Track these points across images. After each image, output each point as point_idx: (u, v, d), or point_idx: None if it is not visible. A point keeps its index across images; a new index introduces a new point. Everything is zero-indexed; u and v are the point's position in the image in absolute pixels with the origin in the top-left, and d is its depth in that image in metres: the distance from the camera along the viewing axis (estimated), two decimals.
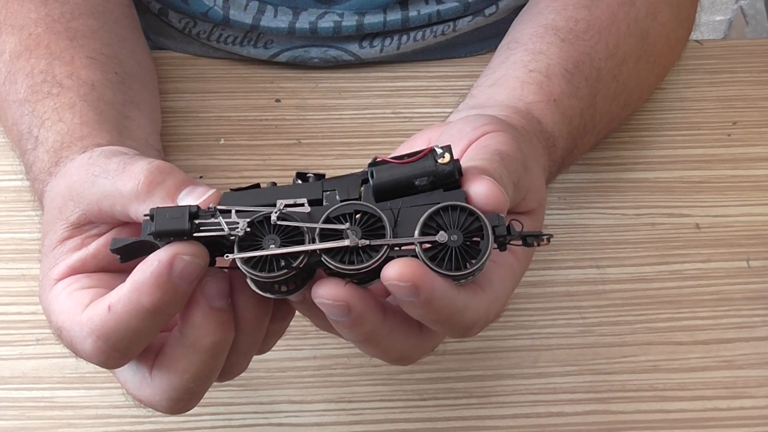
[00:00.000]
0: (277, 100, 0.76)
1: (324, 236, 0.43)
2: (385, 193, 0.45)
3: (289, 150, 0.73)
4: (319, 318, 0.46)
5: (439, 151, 0.45)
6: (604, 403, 0.62)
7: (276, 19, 0.75)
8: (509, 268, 0.48)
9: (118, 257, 0.45)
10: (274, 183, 0.46)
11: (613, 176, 0.72)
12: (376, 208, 0.44)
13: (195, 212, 0.44)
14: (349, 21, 0.75)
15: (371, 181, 0.45)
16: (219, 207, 0.44)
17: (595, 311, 0.66)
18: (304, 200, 0.44)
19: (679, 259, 0.68)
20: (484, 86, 0.65)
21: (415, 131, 0.56)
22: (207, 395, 0.49)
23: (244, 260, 0.43)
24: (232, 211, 0.44)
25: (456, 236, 0.43)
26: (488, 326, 0.47)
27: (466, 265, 0.43)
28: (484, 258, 0.43)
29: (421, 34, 0.77)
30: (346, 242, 0.43)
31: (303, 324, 0.49)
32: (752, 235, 0.70)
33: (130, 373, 0.49)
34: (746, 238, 0.69)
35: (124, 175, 0.47)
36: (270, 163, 0.72)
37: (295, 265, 0.43)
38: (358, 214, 0.44)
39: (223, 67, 0.78)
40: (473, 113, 0.59)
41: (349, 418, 0.61)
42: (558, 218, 0.70)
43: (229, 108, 0.75)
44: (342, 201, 0.45)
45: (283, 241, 0.43)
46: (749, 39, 1.62)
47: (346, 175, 0.46)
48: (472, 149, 0.50)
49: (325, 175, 0.46)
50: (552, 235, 0.46)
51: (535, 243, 0.45)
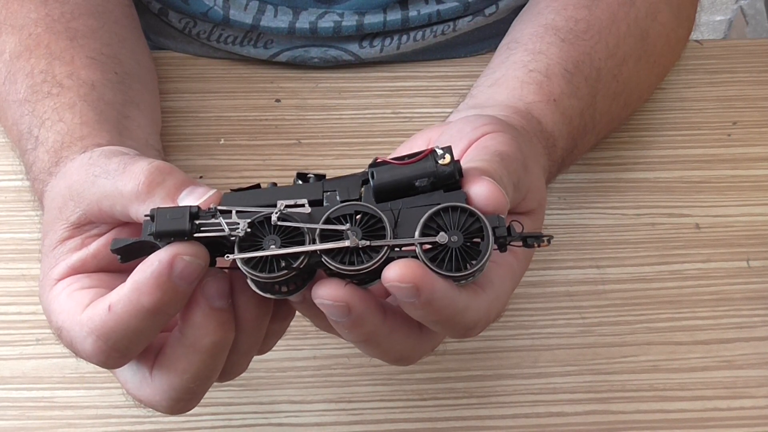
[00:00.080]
0: (277, 100, 0.76)
1: (324, 237, 0.43)
2: (386, 194, 0.45)
3: (289, 150, 0.73)
4: (319, 318, 0.46)
5: (440, 152, 0.45)
6: (604, 403, 0.62)
7: (276, 19, 0.75)
8: (509, 269, 0.48)
9: (119, 257, 0.45)
10: (275, 183, 0.46)
11: (613, 176, 0.72)
12: (376, 209, 0.44)
13: (195, 213, 0.44)
14: (349, 21, 0.75)
15: (372, 182, 0.45)
16: (219, 207, 0.44)
17: (595, 311, 0.66)
18: (304, 201, 0.44)
19: (679, 259, 0.68)
20: (484, 86, 0.65)
21: (415, 131, 0.56)
22: (207, 395, 0.49)
23: (244, 260, 0.43)
24: (233, 212, 0.44)
25: (456, 237, 0.43)
26: (488, 326, 0.47)
27: (467, 266, 0.43)
28: (485, 259, 0.43)
29: (421, 34, 0.77)
30: (346, 243, 0.43)
31: (303, 324, 0.49)
32: (752, 235, 0.70)
33: (130, 373, 0.48)
34: (746, 238, 0.69)
35: (125, 175, 0.47)
36: (270, 163, 0.72)
37: (295, 265, 0.43)
38: (359, 215, 0.44)
39: (223, 67, 0.78)
40: (473, 113, 0.59)
41: (349, 418, 0.61)
42: (558, 218, 0.70)
43: (229, 108, 0.75)
44: (342, 202, 0.45)
45: (283, 242, 0.43)
46: (749, 39, 1.62)
47: (346, 176, 0.46)
48: (472, 150, 0.50)
49: (326, 175, 0.46)
50: (552, 236, 0.46)
51: (536, 244, 0.45)
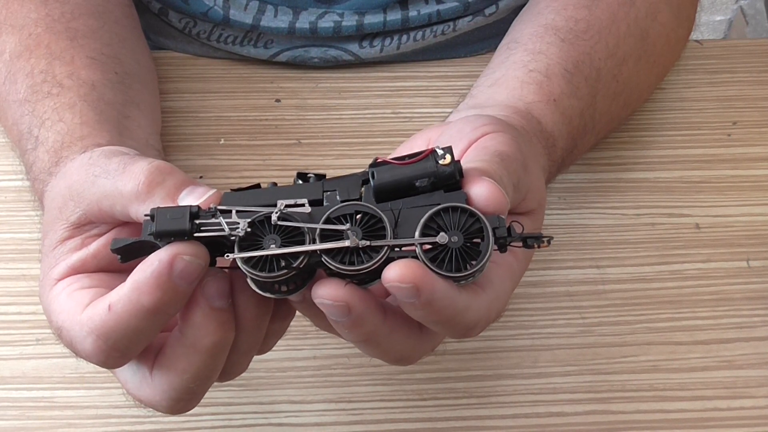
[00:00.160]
0: (277, 100, 0.76)
1: (324, 236, 0.43)
2: (386, 194, 0.45)
3: (289, 150, 0.73)
4: (319, 318, 0.46)
5: (440, 152, 0.45)
6: (604, 403, 0.62)
7: (276, 19, 0.75)
8: (509, 269, 0.48)
9: (119, 257, 0.45)
10: (275, 183, 0.46)
11: (613, 176, 0.72)
12: (376, 209, 0.44)
13: (195, 212, 0.44)
14: (349, 21, 0.75)
15: (372, 182, 0.45)
16: (219, 207, 0.44)
17: (595, 311, 0.66)
18: (304, 200, 0.44)
19: (679, 259, 0.68)
20: (483, 86, 0.65)
21: (415, 131, 0.56)
22: (207, 395, 0.49)
23: (244, 260, 0.43)
24: (233, 212, 0.44)
25: (456, 237, 0.43)
26: (488, 326, 0.47)
27: (467, 267, 0.43)
28: (485, 259, 0.43)
29: (421, 34, 0.77)
30: (346, 243, 0.43)
31: (303, 324, 0.49)
32: (752, 235, 0.70)
33: (130, 372, 0.48)
34: (746, 238, 0.69)
35: (125, 175, 0.47)
36: (270, 163, 0.72)
37: (295, 265, 0.43)
38: (359, 215, 0.44)
39: (223, 67, 0.77)
40: (472, 113, 0.59)
41: (349, 418, 0.61)
42: (558, 218, 0.70)
43: (229, 108, 0.75)
44: (342, 201, 0.45)
45: (283, 241, 0.43)
46: (749, 39, 1.62)
47: (346, 176, 0.46)
48: (472, 150, 0.50)
49: (326, 175, 0.46)
50: (552, 237, 0.45)
51: (536, 245, 0.45)
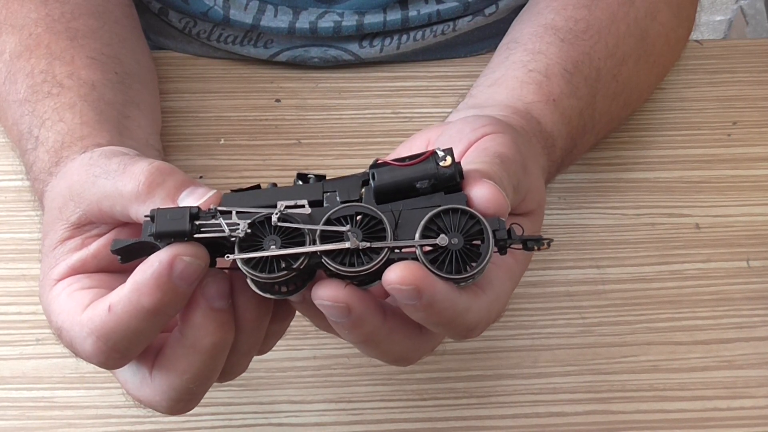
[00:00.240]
0: (277, 100, 0.76)
1: (324, 238, 0.43)
2: (386, 195, 0.45)
3: (289, 150, 0.73)
4: (319, 318, 0.46)
5: (441, 153, 0.45)
6: (604, 403, 0.62)
7: (276, 19, 0.75)
8: (509, 270, 0.48)
9: (119, 258, 0.45)
10: (275, 184, 0.46)
11: (613, 176, 0.72)
12: (377, 210, 0.44)
13: (195, 213, 0.44)
14: (349, 21, 0.75)
15: (372, 183, 0.45)
16: (220, 208, 0.44)
17: (595, 311, 0.66)
18: (304, 202, 0.44)
19: (679, 259, 0.68)
20: (483, 86, 0.65)
21: (415, 131, 0.56)
22: (207, 395, 0.49)
23: (244, 261, 0.43)
24: (233, 212, 0.44)
25: (457, 239, 0.43)
26: (489, 327, 0.47)
27: (467, 268, 0.43)
28: (485, 262, 0.43)
29: (420, 33, 0.77)
30: (346, 244, 0.43)
31: (303, 324, 0.49)
32: (752, 235, 0.70)
33: (130, 373, 0.48)
34: (746, 238, 0.69)
35: (125, 175, 0.47)
36: (270, 163, 0.72)
37: (295, 266, 0.43)
38: (359, 216, 0.44)
39: (223, 67, 0.77)
40: (472, 113, 0.59)
41: (349, 418, 0.61)
42: (558, 218, 0.70)
43: (229, 108, 0.75)
44: (343, 202, 0.45)
45: (283, 242, 0.43)
46: (749, 39, 1.62)
47: (346, 177, 0.46)
48: (472, 151, 0.50)
49: (326, 176, 0.46)
50: (552, 239, 0.45)
51: (536, 247, 0.45)
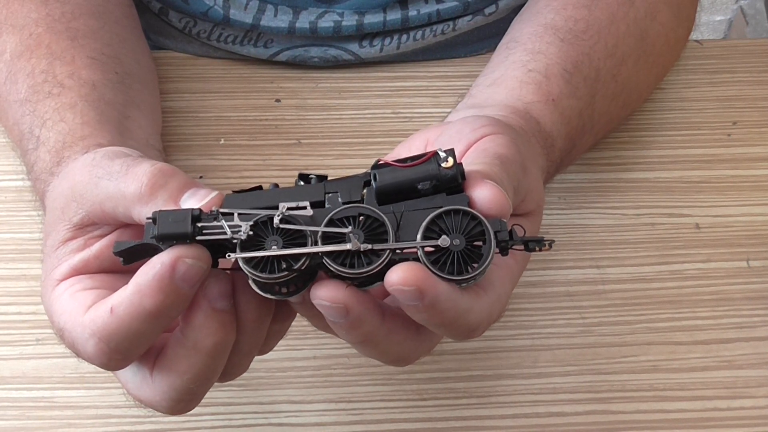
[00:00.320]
0: (277, 100, 0.76)
1: (326, 239, 0.43)
2: (388, 196, 0.44)
3: (289, 150, 0.73)
4: (318, 319, 0.46)
5: (443, 154, 0.45)
6: (604, 403, 0.62)
7: (276, 19, 0.75)
8: (508, 270, 0.48)
9: (121, 260, 0.45)
10: (277, 185, 0.46)
11: (613, 176, 0.72)
12: (379, 212, 0.44)
13: (197, 215, 0.44)
14: (349, 21, 0.75)
15: (374, 184, 0.45)
16: (222, 210, 0.44)
17: (595, 311, 0.66)
18: (306, 203, 0.44)
19: (679, 259, 0.68)
20: (482, 86, 0.65)
21: (415, 131, 0.56)
22: (207, 395, 0.49)
23: (246, 261, 0.43)
24: (235, 214, 0.44)
25: (458, 240, 0.43)
26: (489, 327, 0.47)
27: (468, 269, 0.43)
28: (487, 263, 0.43)
29: (420, 33, 0.77)
30: (347, 246, 0.43)
31: (303, 324, 0.49)
32: (752, 235, 0.70)
33: (131, 373, 0.48)
34: (746, 238, 0.69)
35: (128, 177, 0.47)
36: (270, 163, 0.72)
37: (296, 267, 0.43)
38: (361, 217, 0.44)
39: (223, 67, 0.77)
40: (471, 113, 0.59)
41: (349, 418, 0.61)
42: (558, 218, 0.70)
43: (229, 108, 0.75)
44: (344, 203, 0.45)
45: (285, 243, 0.43)
46: (749, 39, 1.62)
47: (348, 177, 0.46)
48: (472, 152, 0.50)
49: (327, 176, 0.46)
50: (554, 241, 0.46)
51: (537, 248, 0.45)
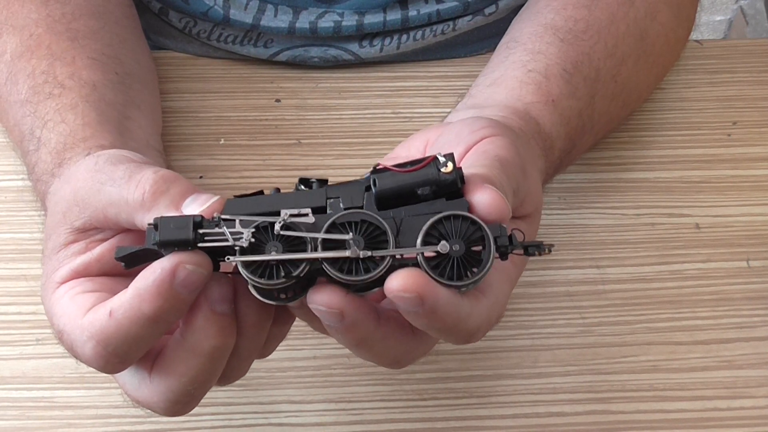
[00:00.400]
0: (277, 100, 0.76)
1: (327, 245, 0.43)
2: (388, 201, 0.45)
3: (289, 150, 0.73)
4: (316, 322, 0.46)
5: (442, 159, 0.45)
6: (604, 403, 0.62)
7: (276, 19, 0.75)
8: (507, 273, 0.48)
9: (123, 264, 0.46)
10: (278, 189, 0.46)
11: (613, 176, 0.72)
12: (379, 218, 0.44)
13: (199, 222, 0.44)
14: (349, 21, 0.75)
15: (374, 189, 0.45)
16: (223, 216, 0.44)
17: (595, 311, 0.66)
18: (308, 210, 0.44)
19: (679, 259, 0.68)
20: (482, 86, 0.65)
21: (415, 131, 0.56)
22: (207, 395, 0.49)
23: (246, 266, 0.43)
24: (237, 221, 0.44)
25: (458, 246, 0.43)
26: (489, 331, 0.47)
27: (468, 274, 0.43)
28: (486, 268, 0.43)
29: (420, 33, 0.77)
30: (347, 253, 0.43)
31: (303, 324, 0.49)
32: (752, 235, 0.70)
33: (129, 374, 0.49)
34: (746, 238, 0.69)
35: (130, 183, 0.47)
36: (270, 163, 0.72)
37: (295, 274, 0.43)
38: (361, 223, 0.44)
39: (223, 67, 0.77)
40: (471, 113, 0.59)
41: (349, 418, 0.61)
42: (558, 218, 0.70)
43: (229, 108, 0.75)
44: (346, 209, 0.45)
45: (285, 249, 0.43)
46: (749, 39, 1.62)
47: (349, 182, 0.46)
48: (471, 154, 0.50)
49: (328, 180, 0.46)
50: (553, 245, 0.46)
51: (537, 252, 0.45)
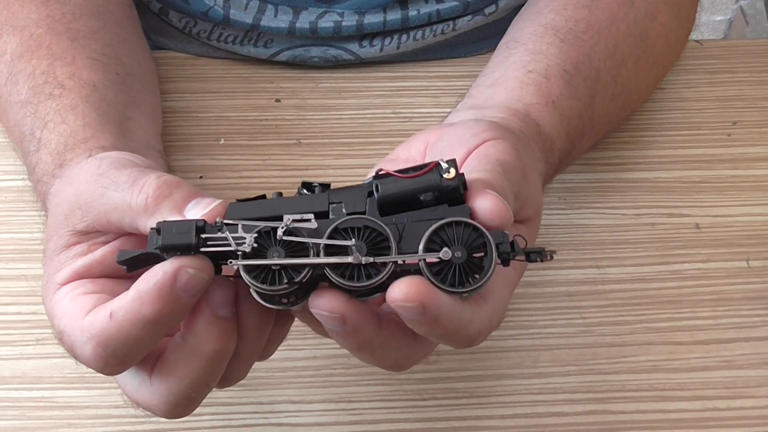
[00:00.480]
0: (277, 100, 0.76)
1: (329, 249, 0.43)
2: (390, 207, 0.44)
3: (289, 150, 0.73)
4: (317, 325, 0.46)
5: (444, 165, 0.45)
6: (604, 403, 0.62)
7: (276, 19, 0.75)
8: (507, 277, 0.48)
9: (125, 268, 0.45)
10: (280, 193, 0.46)
11: (613, 176, 0.72)
12: (382, 224, 0.44)
13: (202, 226, 0.44)
14: (349, 21, 0.75)
15: (376, 195, 0.45)
16: (225, 221, 0.44)
17: (595, 311, 0.66)
18: (311, 216, 0.44)
19: (679, 259, 0.68)
20: (483, 86, 0.65)
21: (415, 131, 0.56)
22: (207, 395, 0.50)
23: (248, 271, 0.43)
24: (239, 226, 0.44)
25: (460, 252, 0.43)
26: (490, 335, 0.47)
27: (470, 280, 0.43)
28: (488, 275, 0.43)
29: (420, 33, 0.77)
30: (349, 259, 0.43)
31: (303, 324, 0.49)
32: (752, 235, 0.70)
33: (129, 376, 0.49)
34: (746, 238, 0.69)
35: (134, 188, 0.47)
36: (270, 163, 0.72)
37: (297, 280, 0.43)
38: (364, 228, 0.44)
39: (223, 67, 0.77)
40: (471, 113, 0.59)
41: (349, 418, 0.61)
42: (558, 218, 0.70)
43: (229, 108, 0.75)
44: (348, 214, 0.45)
45: (287, 255, 0.43)
46: (749, 39, 1.62)
47: (352, 187, 0.46)
48: (473, 158, 0.50)
49: (330, 184, 0.46)
50: (555, 251, 0.46)
51: (539, 259, 0.45)
